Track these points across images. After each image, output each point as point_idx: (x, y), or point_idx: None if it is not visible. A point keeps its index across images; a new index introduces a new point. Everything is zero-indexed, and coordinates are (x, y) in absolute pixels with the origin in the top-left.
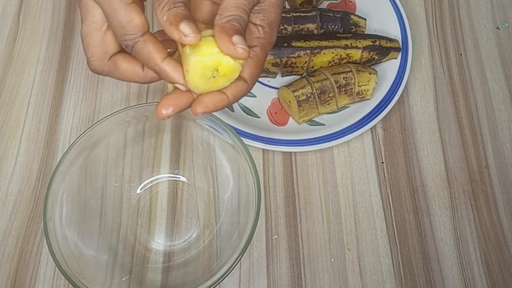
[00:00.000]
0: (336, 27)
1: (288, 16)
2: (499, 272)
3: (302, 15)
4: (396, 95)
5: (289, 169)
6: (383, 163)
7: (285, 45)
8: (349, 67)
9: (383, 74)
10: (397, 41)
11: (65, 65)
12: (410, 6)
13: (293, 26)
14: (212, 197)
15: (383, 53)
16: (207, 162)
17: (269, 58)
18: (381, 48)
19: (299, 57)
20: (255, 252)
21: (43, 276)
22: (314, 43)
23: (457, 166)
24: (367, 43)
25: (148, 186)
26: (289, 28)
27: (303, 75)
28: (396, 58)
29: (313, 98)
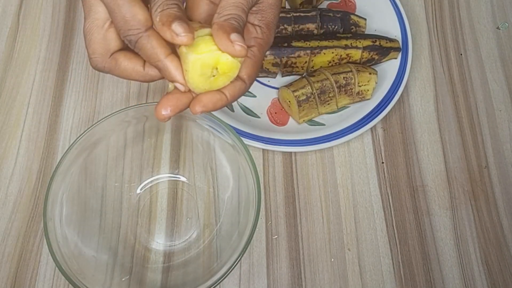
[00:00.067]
0: (336, 27)
1: (288, 16)
2: (499, 272)
3: (302, 15)
4: (396, 95)
5: (289, 169)
6: (383, 163)
7: (285, 45)
8: (349, 67)
9: (383, 74)
10: (397, 41)
11: (65, 65)
12: (410, 6)
13: (293, 26)
14: (212, 197)
15: (383, 53)
16: (207, 162)
17: (269, 58)
18: (381, 48)
19: (299, 57)
20: (255, 252)
21: (43, 276)
22: (314, 43)
23: (457, 166)
24: (367, 43)
25: (148, 186)
26: (289, 28)
27: (303, 75)
28: (396, 58)
29: (313, 98)
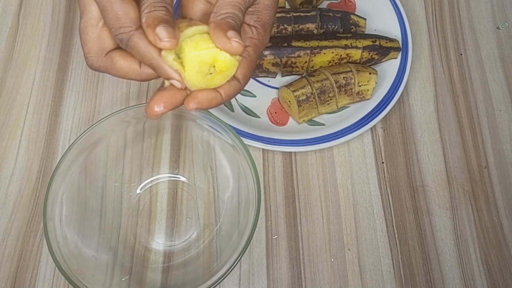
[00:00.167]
0: (336, 27)
1: (288, 16)
2: (499, 272)
3: (302, 15)
4: (396, 95)
5: (289, 169)
6: (383, 163)
7: (285, 45)
8: (349, 67)
9: (383, 74)
10: (397, 41)
11: (65, 65)
12: (410, 6)
13: (293, 26)
14: (212, 197)
15: (383, 53)
16: (207, 162)
17: (269, 58)
18: (381, 48)
19: (299, 57)
20: (255, 252)
21: (43, 276)
22: (314, 43)
23: (457, 166)
24: (367, 43)
25: (148, 186)
26: (289, 28)
27: (303, 75)
28: (396, 58)
29: (313, 98)
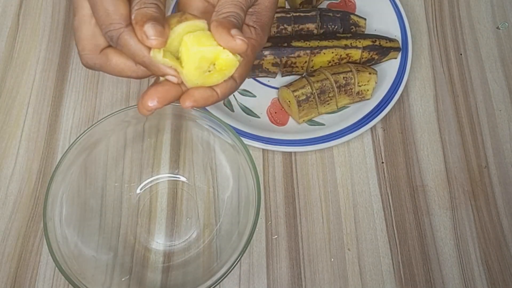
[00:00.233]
0: (336, 27)
1: (288, 16)
2: (499, 272)
3: (302, 15)
4: (396, 95)
5: (289, 169)
6: (383, 163)
7: (285, 45)
8: (349, 67)
9: (383, 74)
10: (397, 41)
11: (65, 65)
12: (410, 6)
13: (293, 26)
14: (212, 197)
15: (383, 53)
16: (207, 162)
17: (269, 58)
18: (381, 48)
19: (299, 57)
20: (255, 252)
21: (43, 276)
22: (314, 43)
23: (457, 166)
24: (367, 43)
25: (148, 186)
26: (289, 28)
27: (303, 75)
28: (396, 58)
29: (313, 98)
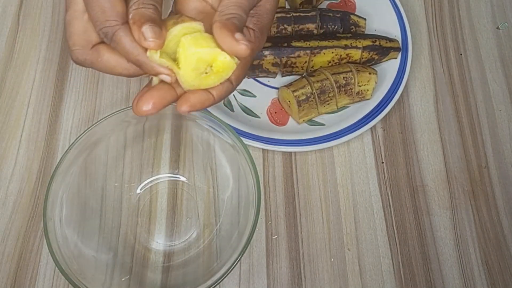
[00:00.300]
0: (336, 27)
1: (288, 16)
2: (499, 272)
3: (302, 15)
4: (396, 95)
5: (289, 169)
6: (383, 163)
7: (285, 45)
8: (349, 67)
9: (383, 74)
10: (397, 41)
11: (65, 65)
12: (410, 6)
13: (293, 26)
14: (212, 197)
15: (383, 53)
16: (207, 162)
17: (269, 58)
18: (381, 48)
19: (299, 57)
20: (255, 252)
21: (43, 276)
22: (314, 43)
23: (457, 166)
24: (367, 43)
25: (148, 186)
26: (289, 28)
27: (303, 75)
28: (396, 58)
29: (313, 98)
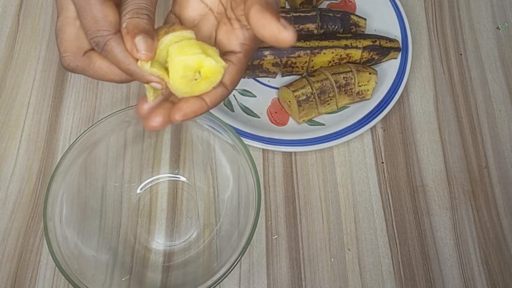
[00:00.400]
0: (336, 27)
1: (288, 16)
2: (499, 272)
3: (302, 15)
4: (396, 95)
5: (289, 169)
6: (383, 163)
7: None
8: (349, 67)
9: (383, 74)
10: (397, 41)
11: None
12: (410, 6)
13: (293, 26)
14: (212, 197)
15: (383, 53)
16: (207, 162)
17: (269, 58)
18: (381, 48)
19: (299, 57)
20: (255, 252)
21: (43, 276)
22: (314, 43)
23: (457, 166)
24: (367, 43)
25: (148, 186)
26: None
27: (303, 75)
28: (396, 58)
29: (313, 98)
